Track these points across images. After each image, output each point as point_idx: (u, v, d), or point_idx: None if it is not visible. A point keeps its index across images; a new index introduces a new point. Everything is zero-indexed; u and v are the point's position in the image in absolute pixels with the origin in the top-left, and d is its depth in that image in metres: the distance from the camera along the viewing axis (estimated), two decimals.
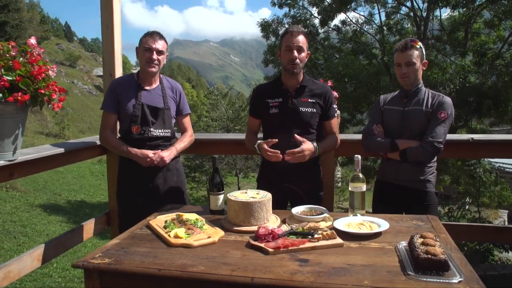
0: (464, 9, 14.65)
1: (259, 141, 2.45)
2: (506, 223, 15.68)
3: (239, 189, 16.09)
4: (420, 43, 2.41)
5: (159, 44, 2.58)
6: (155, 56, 2.57)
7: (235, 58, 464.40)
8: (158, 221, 2.09)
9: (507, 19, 14.84)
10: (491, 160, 14.87)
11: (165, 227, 1.97)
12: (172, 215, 2.14)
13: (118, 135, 2.84)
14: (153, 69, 2.59)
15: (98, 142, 2.91)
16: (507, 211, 16.44)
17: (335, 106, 2.63)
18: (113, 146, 2.63)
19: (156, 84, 2.70)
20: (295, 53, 2.44)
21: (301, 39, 2.45)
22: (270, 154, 2.35)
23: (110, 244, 1.83)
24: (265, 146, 2.37)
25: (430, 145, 2.32)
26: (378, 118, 2.57)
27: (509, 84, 13.33)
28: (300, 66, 2.47)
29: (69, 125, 29.57)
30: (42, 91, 1.98)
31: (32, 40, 1.99)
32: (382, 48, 16.51)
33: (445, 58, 14.75)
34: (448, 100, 2.39)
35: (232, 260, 1.63)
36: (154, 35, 2.59)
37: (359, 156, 2.10)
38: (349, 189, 2.11)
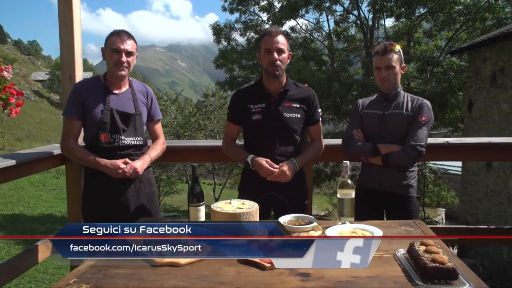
0: (406, 20, 15.52)
1: (251, 156, 2.35)
2: (444, 220, 16.79)
3: (215, 199, 15.70)
4: (398, 47, 2.41)
5: (128, 45, 2.36)
6: (124, 58, 2.34)
7: (182, 63, 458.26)
8: None
9: (444, 29, 15.97)
10: (437, 162, 15.79)
11: None
12: None
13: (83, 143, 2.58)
14: (123, 72, 2.37)
15: (55, 152, 2.63)
16: (444, 209, 17.63)
17: (319, 110, 2.55)
18: (77, 156, 2.36)
19: (125, 88, 2.47)
20: (275, 55, 2.33)
21: (281, 40, 2.35)
22: (270, 170, 2.29)
23: (85, 267, 1.62)
24: (264, 163, 2.30)
25: (413, 148, 2.31)
26: (357, 123, 2.53)
27: (447, 90, 14.29)
28: (281, 68, 2.36)
29: (4, 133, 27.40)
30: None
31: None
32: (331, 54, 17.01)
33: None
34: (427, 103, 2.41)
35: (227, 278, 1.50)
36: (122, 34, 2.36)
37: (348, 162, 2.03)
38: (338, 196, 2.04)
